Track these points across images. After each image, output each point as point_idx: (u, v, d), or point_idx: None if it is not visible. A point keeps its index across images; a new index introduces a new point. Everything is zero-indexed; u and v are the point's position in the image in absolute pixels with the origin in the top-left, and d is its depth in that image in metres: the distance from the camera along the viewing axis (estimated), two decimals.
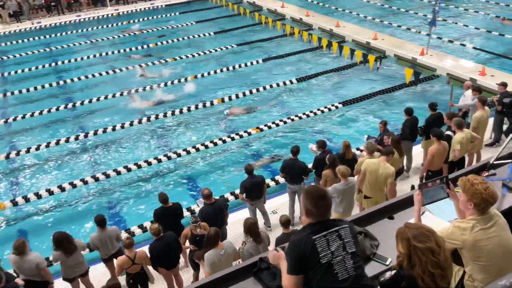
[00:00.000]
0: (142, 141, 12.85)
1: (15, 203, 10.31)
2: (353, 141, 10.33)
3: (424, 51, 16.56)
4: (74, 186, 10.76)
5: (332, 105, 13.90)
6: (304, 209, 3.04)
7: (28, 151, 12.32)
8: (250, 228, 6.32)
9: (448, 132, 8.91)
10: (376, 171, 7.43)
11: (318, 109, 13.65)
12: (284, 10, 23.97)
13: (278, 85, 15.56)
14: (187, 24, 22.97)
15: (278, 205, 9.47)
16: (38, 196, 10.49)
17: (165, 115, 13.90)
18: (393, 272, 3.10)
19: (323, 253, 2.85)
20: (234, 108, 14.20)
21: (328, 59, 17.85)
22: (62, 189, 10.67)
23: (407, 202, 4.18)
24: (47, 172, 11.72)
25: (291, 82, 15.76)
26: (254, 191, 8.36)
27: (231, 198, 9.74)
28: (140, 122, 13.54)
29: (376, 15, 22.67)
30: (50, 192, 10.57)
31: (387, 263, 3.52)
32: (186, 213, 8.75)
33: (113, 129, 13.23)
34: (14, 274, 6.99)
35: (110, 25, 23.64)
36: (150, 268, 7.13)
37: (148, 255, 6.95)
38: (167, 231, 7.06)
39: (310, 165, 9.01)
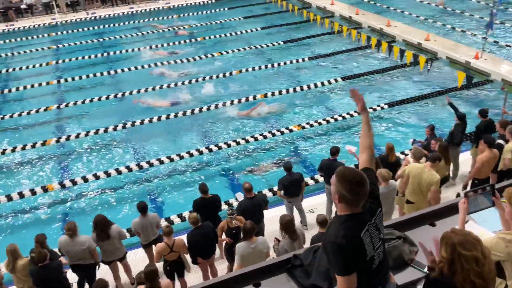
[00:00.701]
0: (186, 132, 13.08)
1: (62, 185, 10.80)
2: (397, 144, 10.08)
3: (479, 55, 15.84)
4: (119, 172, 11.13)
5: (378, 106, 13.60)
6: (337, 194, 2.80)
7: (77, 136, 12.85)
8: (287, 225, 6.32)
9: (500, 141, 8.50)
10: (419, 176, 7.21)
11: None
12: (333, 8, 23.64)
13: (322, 83, 15.39)
14: (234, 19, 23.14)
15: (315, 204, 9.40)
16: (85, 179, 10.93)
17: (208, 108, 14.08)
18: (430, 274, 2.96)
19: (368, 250, 2.75)
20: (269, 106, 14.11)
21: (376, 59, 17.47)
22: (108, 174, 11.06)
23: (450, 210, 4.04)
24: (94, 157, 12.18)
25: (336, 81, 15.54)
26: (292, 188, 8.33)
27: (269, 194, 9.76)
28: (184, 114, 13.79)
29: (429, 15, 21.90)
30: (96, 177, 10.98)
31: (425, 270, 3.41)
32: (224, 207, 8.83)
33: (159, 119, 13.54)
34: (59, 253, 7.32)
35: (161, 18, 24.15)
36: (187, 257, 7.27)
37: (186, 243, 7.10)
38: (205, 222, 7.19)
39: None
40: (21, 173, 11.69)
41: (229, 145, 11.98)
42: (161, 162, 11.41)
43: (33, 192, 10.54)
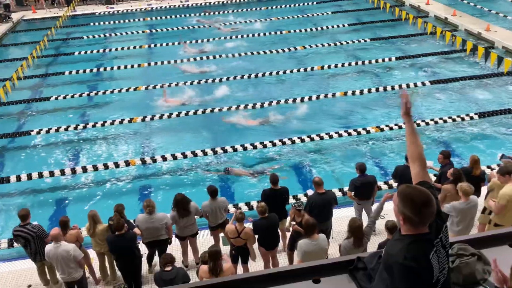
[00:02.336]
0: (263, 125, 13.25)
1: (143, 161, 11.47)
2: (483, 157, 9.40)
3: None
4: (195, 155, 11.57)
5: (467, 115, 12.74)
6: (401, 215, 2.63)
7: (161, 117, 13.49)
8: (355, 230, 6.21)
9: None
10: None
11: (449, 117, 12.63)
12: (428, 7, 22.46)
13: (408, 85, 14.74)
14: (322, 14, 22.86)
15: (386, 210, 8.99)
16: (164, 158, 11.50)
17: (286, 101, 14.11)
18: None
19: (435, 273, 2.59)
20: None
21: (470, 65, 16.36)
22: (185, 156, 11.53)
23: None
24: (174, 138, 12.76)
25: (423, 84, 14.80)
26: (364, 190, 8.13)
27: (338, 194, 9.59)
28: (262, 105, 13.95)
29: None
30: (174, 157, 11.51)
31: None
32: (291, 200, 8.85)
33: (246, 106, 13.84)
34: (134, 224, 7.81)
35: (250, 9, 24.53)
36: (255, 247, 7.38)
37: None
38: (272, 213, 7.26)
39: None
40: (107, 146, 12.57)
41: (303, 140, 11.91)
42: (235, 150, 11.65)
43: (116, 165, 11.30)
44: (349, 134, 12.15)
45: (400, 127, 12.28)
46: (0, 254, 8.91)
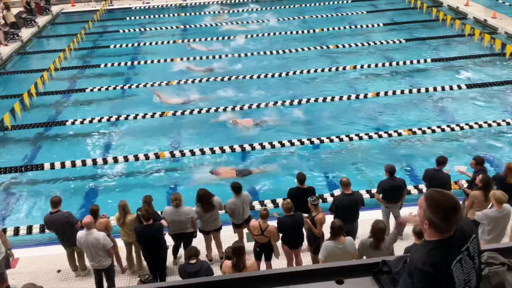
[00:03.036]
0: (281, 123, 13.21)
1: (172, 155, 11.62)
2: None
3: None
4: (223, 151, 11.65)
5: (503, 121, 12.33)
6: (426, 220, 2.54)
7: (190, 112, 13.63)
8: (377, 232, 6.12)
9: None
10: None
11: (485, 122, 12.24)
12: (467, 9, 21.80)
13: (443, 88, 14.37)
14: (357, 13, 22.55)
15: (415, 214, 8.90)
16: (192, 152, 11.62)
17: (316, 100, 13.98)
18: None
19: (457, 283, 2.50)
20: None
21: (509, 69, 15.80)
22: (213, 151, 11.59)
23: None
24: (206, 133, 12.87)
25: (459, 88, 14.38)
26: (392, 194, 8.00)
27: (366, 196, 9.46)
28: (300, 102, 13.91)
29: None
30: (202, 152, 11.59)
31: None
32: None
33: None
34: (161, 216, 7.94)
35: (283, 7, 24.45)
36: (278, 244, 7.37)
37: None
38: (297, 212, 7.24)
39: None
40: (138, 138, 12.80)
41: (331, 140, 11.80)
42: (263, 148, 11.65)
43: (146, 157, 11.50)
44: (380, 135, 11.95)
45: (433, 131, 11.99)
46: (33, 238, 9.26)
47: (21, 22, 22.10)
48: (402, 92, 14.26)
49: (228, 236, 8.35)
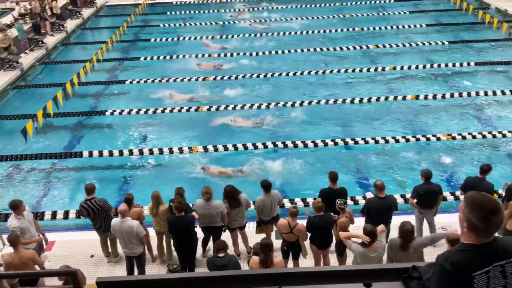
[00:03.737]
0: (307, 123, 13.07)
1: (206, 149, 11.73)
2: None
3: None
4: (255, 147, 11.67)
5: None
6: (466, 221, 2.46)
7: (224, 108, 13.75)
8: (404, 234, 5.99)
9: None
10: None
11: None
12: None
13: (486, 93, 13.84)
14: (399, 13, 22.03)
15: (450, 222, 8.60)
16: (225, 148, 11.70)
17: (352, 101, 13.79)
18: None
19: None
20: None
21: None
22: (246, 147, 11.67)
23: None
24: (239, 129, 12.93)
25: (503, 93, 13.82)
26: (427, 199, 7.78)
27: (400, 200, 9.23)
28: (327, 102, 13.76)
29: None
30: (236, 148, 11.68)
31: None
32: (349, 202, 8.66)
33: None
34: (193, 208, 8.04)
35: (328, 4, 24.22)
36: (307, 244, 7.34)
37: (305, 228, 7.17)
38: (327, 212, 7.17)
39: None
40: (173, 131, 13.02)
41: (355, 142, 11.63)
42: (296, 146, 11.58)
43: (180, 150, 11.68)
44: (417, 139, 11.64)
45: (474, 137, 11.58)
46: (68, 223, 9.60)
47: (66, 13, 22.92)
48: (443, 96, 13.85)
49: (252, 231, 8.38)
